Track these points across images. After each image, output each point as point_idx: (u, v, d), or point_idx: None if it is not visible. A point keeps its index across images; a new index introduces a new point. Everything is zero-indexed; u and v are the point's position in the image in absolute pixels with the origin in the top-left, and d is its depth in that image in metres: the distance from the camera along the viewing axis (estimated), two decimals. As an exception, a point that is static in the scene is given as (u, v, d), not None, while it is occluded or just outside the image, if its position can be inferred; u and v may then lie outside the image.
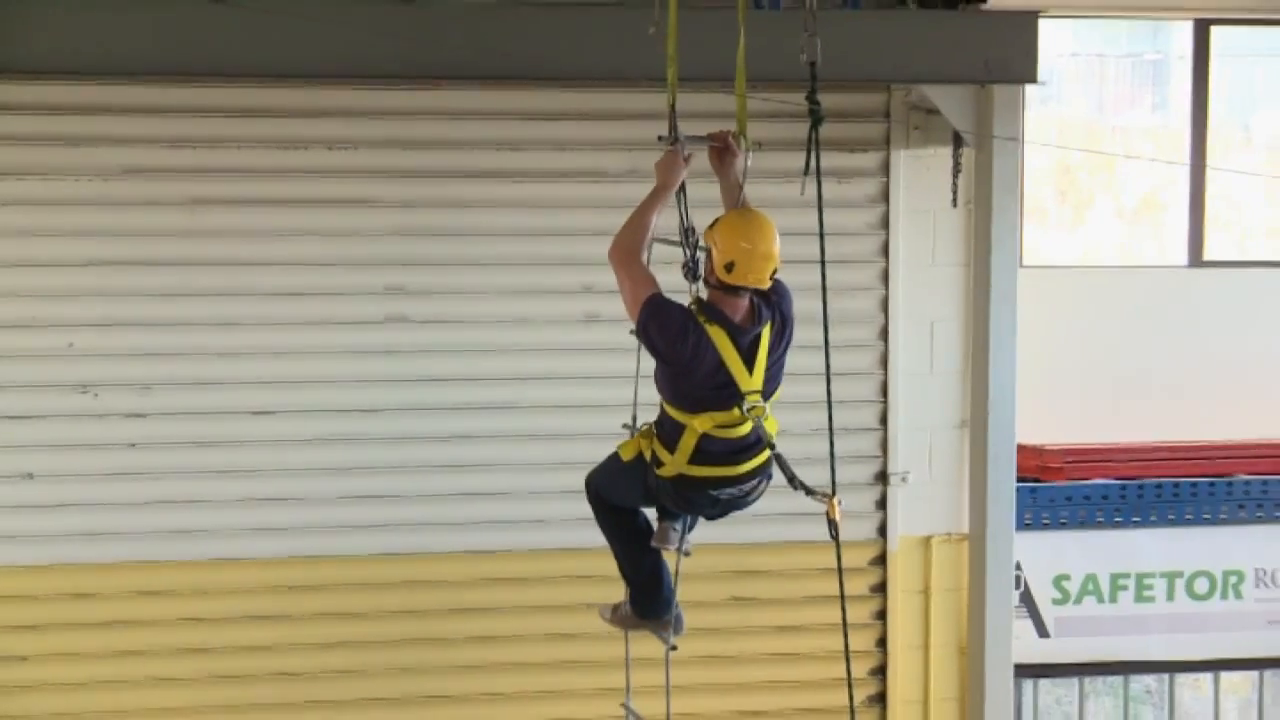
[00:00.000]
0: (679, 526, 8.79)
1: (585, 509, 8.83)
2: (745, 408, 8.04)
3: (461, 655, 11.65)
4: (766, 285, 7.98)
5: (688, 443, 8.19)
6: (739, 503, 8.44)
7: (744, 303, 7.95)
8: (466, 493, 11.46)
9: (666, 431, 8.21)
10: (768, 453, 8.17)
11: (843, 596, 8.87)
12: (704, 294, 8.19)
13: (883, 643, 12.05)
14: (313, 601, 11.31)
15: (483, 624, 11.63)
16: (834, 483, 8.09)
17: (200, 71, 10.76)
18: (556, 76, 11.00)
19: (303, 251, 11.23)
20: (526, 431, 11.40)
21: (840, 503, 8.19)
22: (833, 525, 8.23)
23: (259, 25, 10.55)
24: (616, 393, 9.44)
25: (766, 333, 7.99)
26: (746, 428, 8.08)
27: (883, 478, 12.02)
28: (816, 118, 8.43)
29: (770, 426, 8.07)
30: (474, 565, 11.53)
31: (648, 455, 8.36)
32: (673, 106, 8.41)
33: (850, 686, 9.06)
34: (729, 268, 7.86)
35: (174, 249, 11.00)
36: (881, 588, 12.08)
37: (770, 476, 8.25)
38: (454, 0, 10.74)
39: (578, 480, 9.00)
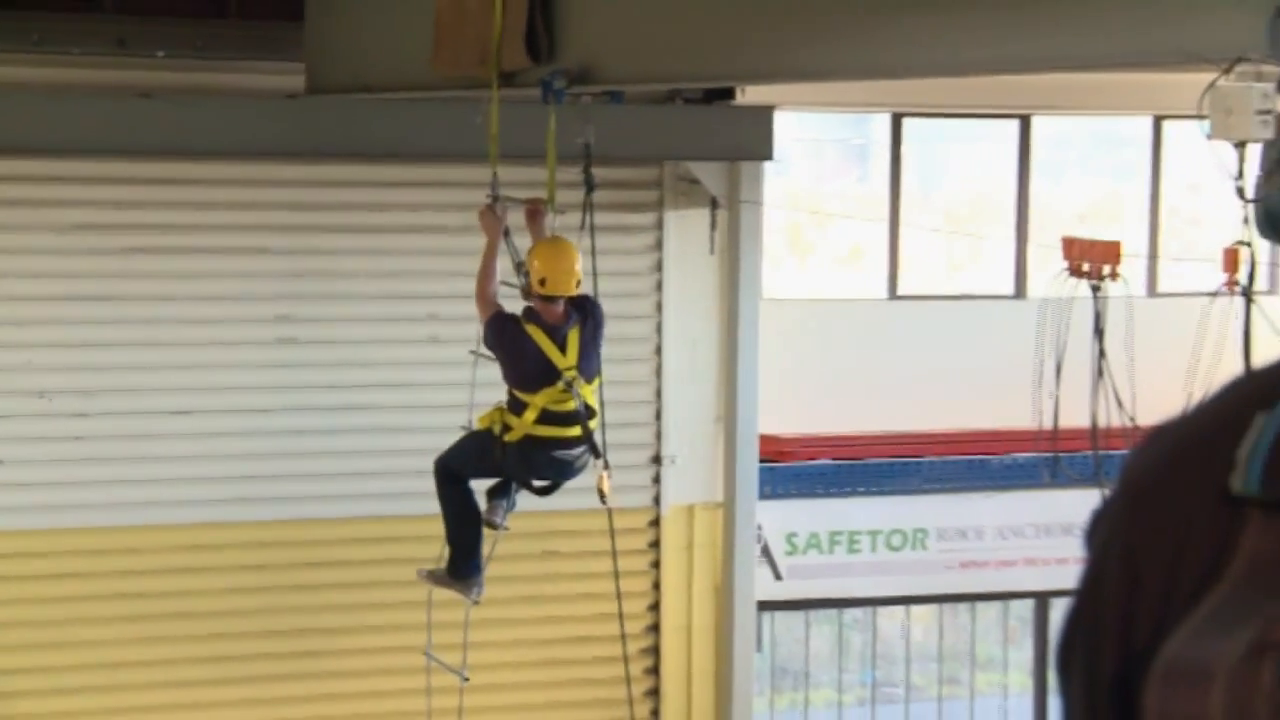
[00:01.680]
0: (505, 505, 9.42)
1: (429, 485, 9.50)
2: (565, 381, 8.79)
3: (332, 598, 11.83)
4: (573, 293, 8.78)
5: (530, 414, 8.91)
6: (569, 469, 9.14)
7: (558, 309, 8.78)
8: (342, 473, 11.67)
9: (514, 407, 8.94)
10: (594, 421, 8.96)
11: (614, 552, 10.25)
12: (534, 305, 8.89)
13: (657, 585, 12.35)
14: (220, 556, 11.48)
15: (347, 573, 11.86)
16: (606, 461, 9.08)
17: (131, 150, 11.08)
18: (408, 154, 11.47)
19: (212, 289, 11.57)
20: (387, 425, 11.68)
21: (610, 475, 9.17)
22: (602, 495, 9.20)
23: (176, 114, 10.97)
24: (453, 395, 10.02)
25: (577, 329, 8.82)
26: (573, 403, 8.84)
27: (657, 460, 12.30)
28: (590, 186, 9.48)
29: (591, 400, 8.95)
30: (346, 528, 11.79)
31: (497, 428, 8.92)
32: (495, 174, 9.21)
33: (621, 619, 10.53)
34: (542, 282, 8.71)
35: (112, 287, 11.37)
36: (657, 544, 12.35)
37: (592, 451, 9.07)
38: (327, 96, 10.93)
39: (425, 463, 9.63)
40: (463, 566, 9.61)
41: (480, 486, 9.82)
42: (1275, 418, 1.25)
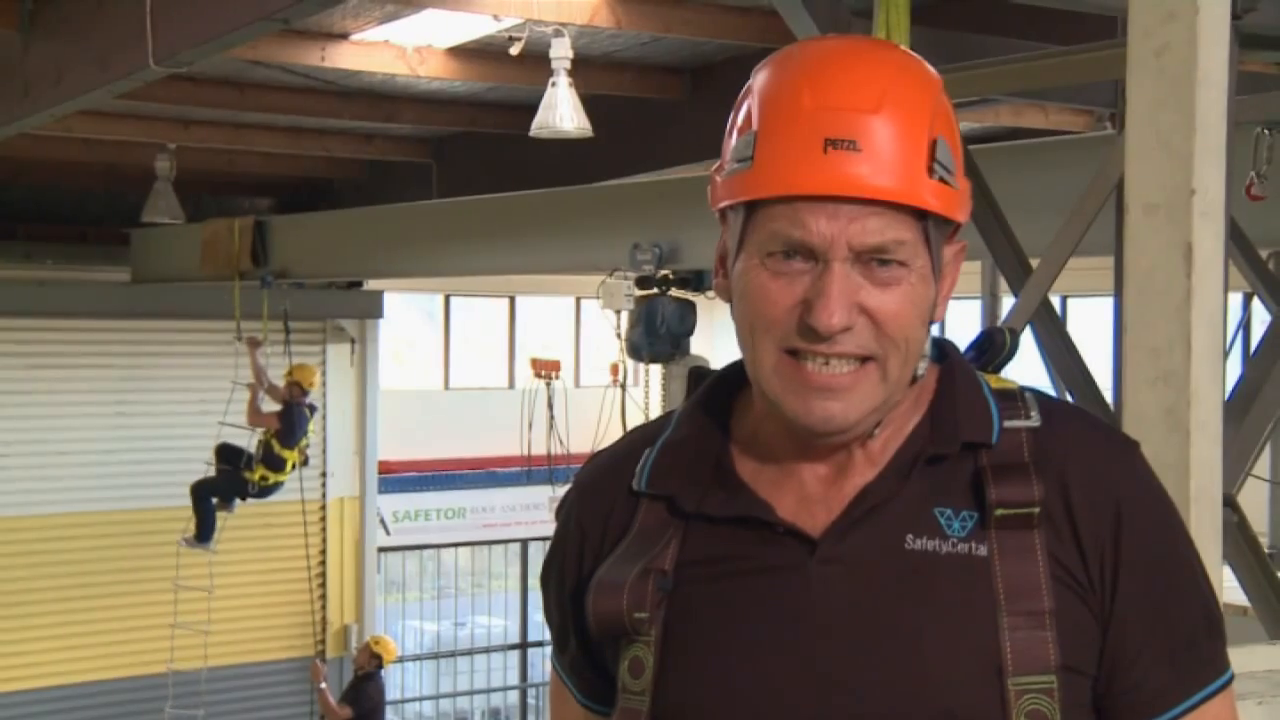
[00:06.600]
0: (233, 502, 10.20)
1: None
2: (307, 442, 10.30)
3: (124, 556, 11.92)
4: (314, 388, 10.11)
5: (288, 463, 9.98)
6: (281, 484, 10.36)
7: (305, 401, 10.07)
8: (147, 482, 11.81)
9: (272, 464, 9.90)
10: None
11: (305, 522, 11.36)
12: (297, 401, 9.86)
13: (325, 539, 12.85)
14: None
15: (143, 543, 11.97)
16: (306, 451, 10.56)
17: (32, 313, 11.31)
18: (190, 314, 11.67)
19: (78, 385, 11.59)
20: (181, 458, 11.50)
21: (307, 458, 10.39)
22: (305, 460, 10.32)
23: (59, 293, 11.24)
24: (208, 441, 10.51)
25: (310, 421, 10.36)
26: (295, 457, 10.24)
27: (324, 474, 12.84)
28: (287, 331, 10.17)
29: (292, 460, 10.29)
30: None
31: (257, 479, 9.96)
32: (238, 324, 9.93)
33: (308, 556, 11.72)
34: (301, 389, 9.99)
35: (22, 385, 11.50)
36: (325, 518, 12.90)
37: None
38: (144, 284, 11.08)
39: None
40: (206, 536, 10.21)
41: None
42: (653, 452, 1.40)
